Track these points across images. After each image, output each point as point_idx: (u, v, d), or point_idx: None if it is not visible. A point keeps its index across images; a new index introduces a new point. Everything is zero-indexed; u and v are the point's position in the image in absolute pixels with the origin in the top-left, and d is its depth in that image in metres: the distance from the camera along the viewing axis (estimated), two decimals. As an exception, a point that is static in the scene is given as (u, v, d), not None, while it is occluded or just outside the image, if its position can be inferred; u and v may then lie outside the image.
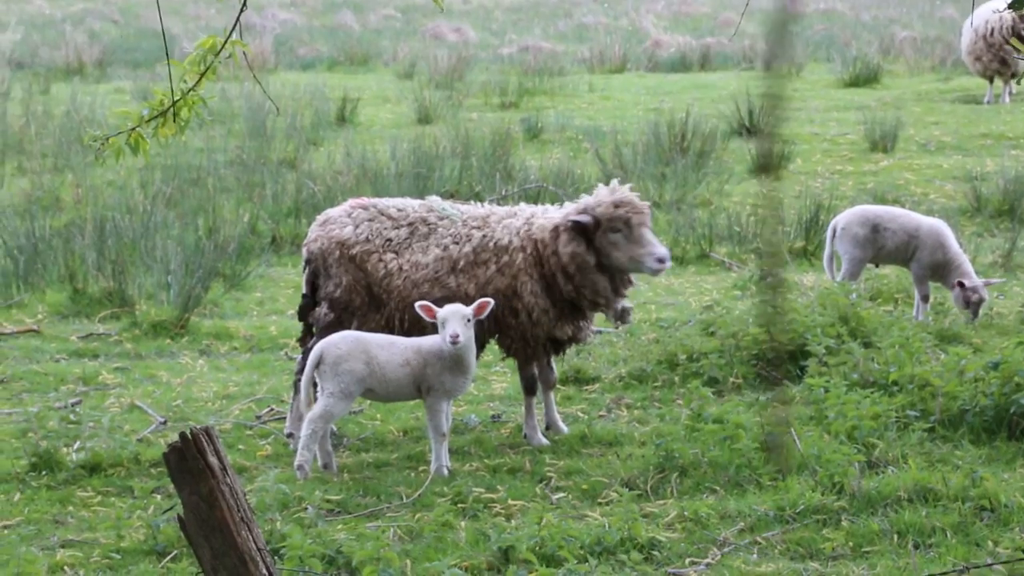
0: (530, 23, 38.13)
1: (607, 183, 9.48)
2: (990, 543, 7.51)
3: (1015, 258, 13.78)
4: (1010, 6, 5.14)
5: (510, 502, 8.23)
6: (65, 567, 7.56)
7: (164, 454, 5.25)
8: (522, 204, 9.71)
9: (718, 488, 8.34)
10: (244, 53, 6.57)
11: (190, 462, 5.12)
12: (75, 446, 9.18)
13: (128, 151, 6.74)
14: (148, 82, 23.69)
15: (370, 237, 9.28)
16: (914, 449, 8.76)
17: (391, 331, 9.10)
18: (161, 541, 7.70)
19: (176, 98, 6.43)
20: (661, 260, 9.10)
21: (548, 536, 7.42)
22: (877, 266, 12.32)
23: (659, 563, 7.43)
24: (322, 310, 9.30)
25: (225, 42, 6.39)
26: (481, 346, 9.25)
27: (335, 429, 9.45)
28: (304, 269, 9.48)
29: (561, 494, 8.40)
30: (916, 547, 7.48)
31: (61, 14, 39.23)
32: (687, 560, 7.46)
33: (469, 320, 8.50)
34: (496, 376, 10.75)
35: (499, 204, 15.94)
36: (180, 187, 16.39)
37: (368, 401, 10.10)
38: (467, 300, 8.88)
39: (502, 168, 17.04)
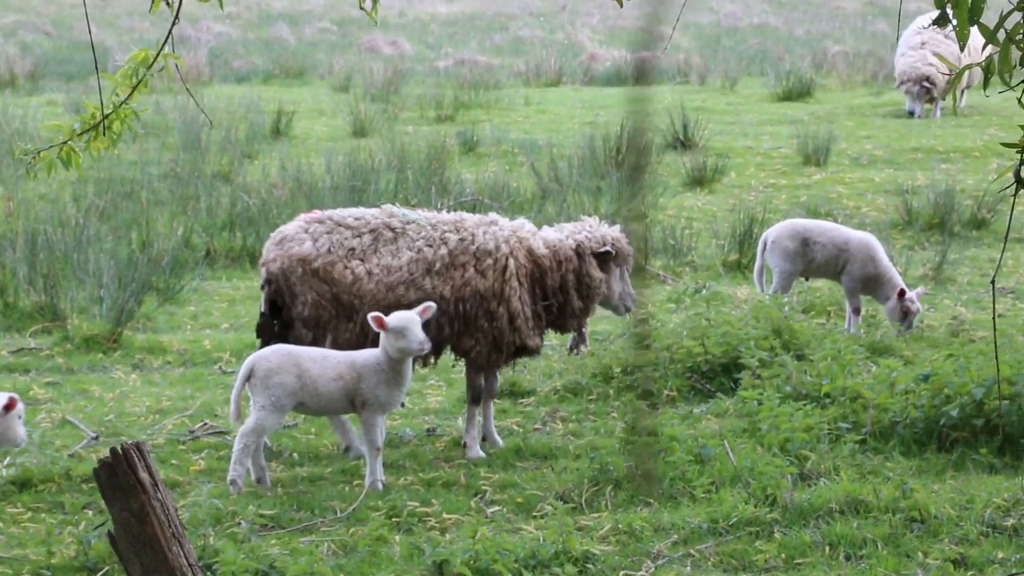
0: (466, 36, 38.17)
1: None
2: (920, 554, 7.57)
3: (945, 271, 13.92)
4: (935, 22, 5.19)
5: (444, 516, 8.22)
6: (-5, 584, 7.49)
7: (95, 470, 5.22)
8: (492, 213, 9.77)
9: (652, 501, 8.37)
10: (177, 66, 6.55)
11: (121, 478, 5.10)
12: (5, 462, 9.10)
13: (60, 165, 6.70)
14: (81, 95, 23.50)
15: (331, 248, 9.24)
16: (846, 461, 8.83)
17: (366, 338, 9.05)
18: (92, 557, 7.63)
19: (108, 111, 6.40)
20: (633, 303, 9.76)
21: (483, 550, 7.42)
22: (807, 279, 12.41)
23: (593, 576, 7.45)
24: (299, 330, 9.23)
25: (157, 55, 6.37)
26: (438, 351, 9.29)
27: (269, 443, 9.41)
28: (263, 288, 9.37)
29: (496, 508, 8.41)
30: (848, 559, 7.54)
31: (-7, 26, 38.89)
32: (621, 573, 7.48)
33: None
34: (431, 390, 10.75)
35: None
36: (113, 200, 16.27)
37: (303, 416, 10.07)
38: (441, 301, 9.06)
39: (438, 181, 17.04)
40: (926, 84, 22.21)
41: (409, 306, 8.84)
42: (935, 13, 5.26)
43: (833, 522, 7.87)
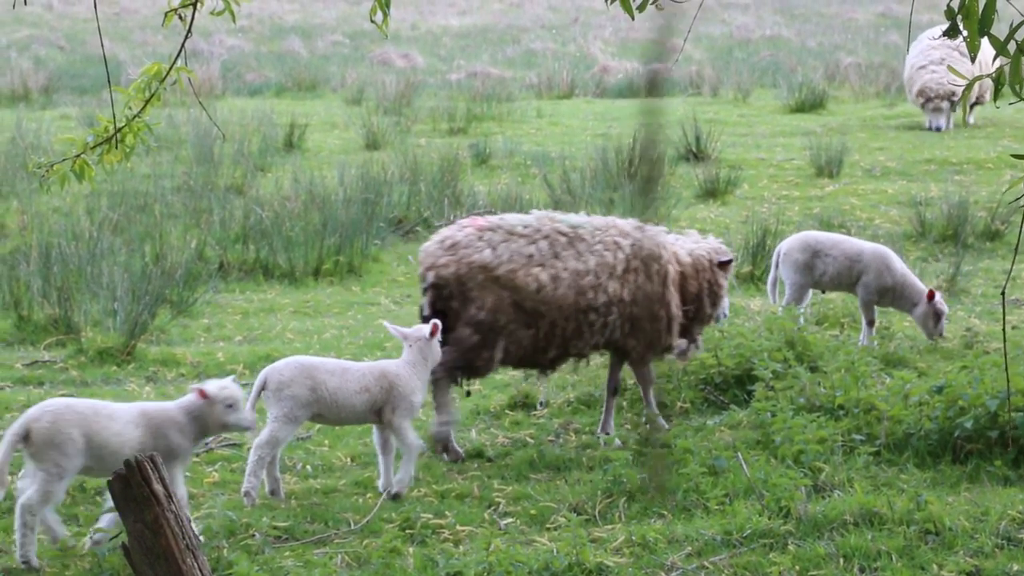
0: (478, 49, 38.21)
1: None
2: (935, 566, 7.55)
3: (959, 283, 13.90)
4: (945, 33, 5.19)
5: (458, 528, 8.22)
6: (9, 597, 7.49)
7: (109, 482, 5.22)
8: (629, 219, 10.19)
9: (666, 513, 8.36)
10: (190, 79, 6.57)
11: (135, 489, 5.10)
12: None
13: (73, 178, 6.72)
14: (94, 108, 23.56)
15: (512, 256, 9.47)
16: (860, 473, 8.81)
17: (549, 344, 9.50)
18: (106, 569, 7.64)
19: (121, 125, 6.42)
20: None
21: (496, 562, 7.41)
22: (824, 292, 12.40)
23: (607, 588, 7.43)
24: (464, 332, 9.41)
25: (170, 68, 6.39)
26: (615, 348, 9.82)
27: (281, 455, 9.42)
28: (425, 292, 9.54)
29: (509, 519, 8.40)
30: (862, 571, 7.52)
31: (6, 40, 39.00)
32: (635, 585, 7.47)
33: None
34: (444, 402, 10.74)
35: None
36: (127, 213, 16.30)
37: (316, 427, 10.08)
38: (620, 304, 9.52)
39: (450, 194, 17.06)
40: (954, 99, 22.16)
41: (595, 310, 9.41)
42: (946, 25, 5.27)
43: (847, 534, 7.85)
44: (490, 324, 9.40)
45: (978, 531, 7.91)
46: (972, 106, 22.79)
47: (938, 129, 22.29)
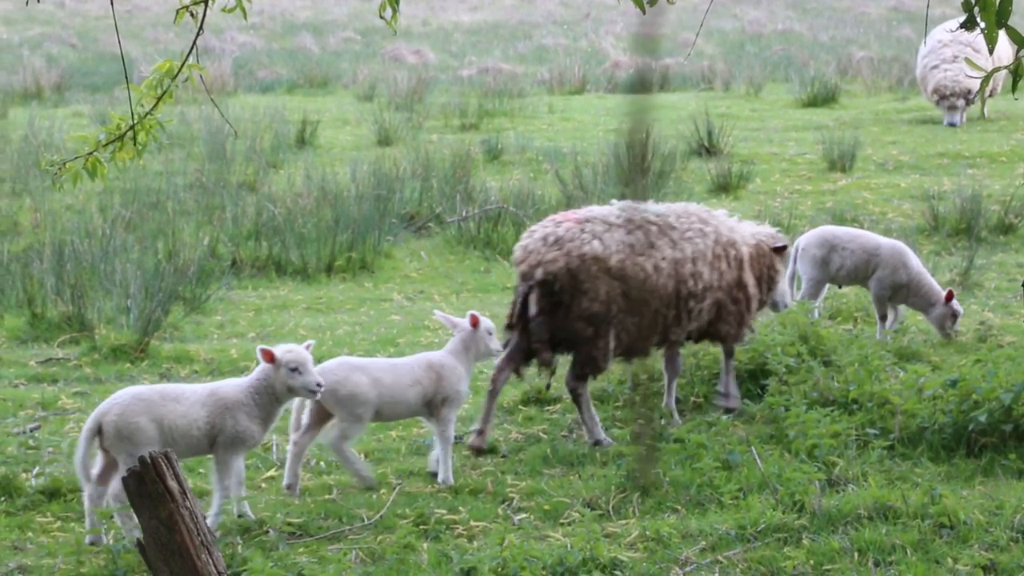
0: (490, 45, 38.19)
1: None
2: (950, 560, 7.54)
3: (972, 276, 13.87)
4: (962, 25, 5.18)
5: (472, 523, 8.22)
6: (24, 593, 7.51)
7: (123, 478, 5.23)
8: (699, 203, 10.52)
9: (679, 508, 8.35)
10: (202, 76, 6.57)
11: (149, 486, 5.11)
12: (34, 471, 9.13)
13: (86, 175, 6.72)
14: (106, 106, 23.59)
15: (618, 247, 9.60)
16: (874, 467, 8.80)
17: (652, 331, 9.73)
18: (121, 566, 7.64)
19: (133, 122, 6.42)
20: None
21: (510, 557, 7.41)
22: (840, 286, 12.40)
23: (621, 583, 7.43)
24: (578, 326, 9.50)
25: (182, 65, 6.39)
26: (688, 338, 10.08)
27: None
28: (530, 290, 9.54)
29: (523, 515, 8.40)
30: (876, 565, 7.51)
31: (19, 38, 39.05)
32: (649, 580, 7.46)
33: None
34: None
35: (461, 226, 16.02)
36: (139, 211, 16.33)
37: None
38: (712, 291, 9.84)
39: (462, 189, 17.05)
40: (970, 97, 22.09)
41: (693, 297, 9.67)
42: (960, 19, 5.25)
43: (862, 528, 7.84)
44: (603, 315, 9.51)
45: (993, 525, 7.90)
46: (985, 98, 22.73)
47: (952, 125, 22.21)
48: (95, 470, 8.11)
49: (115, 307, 12.63)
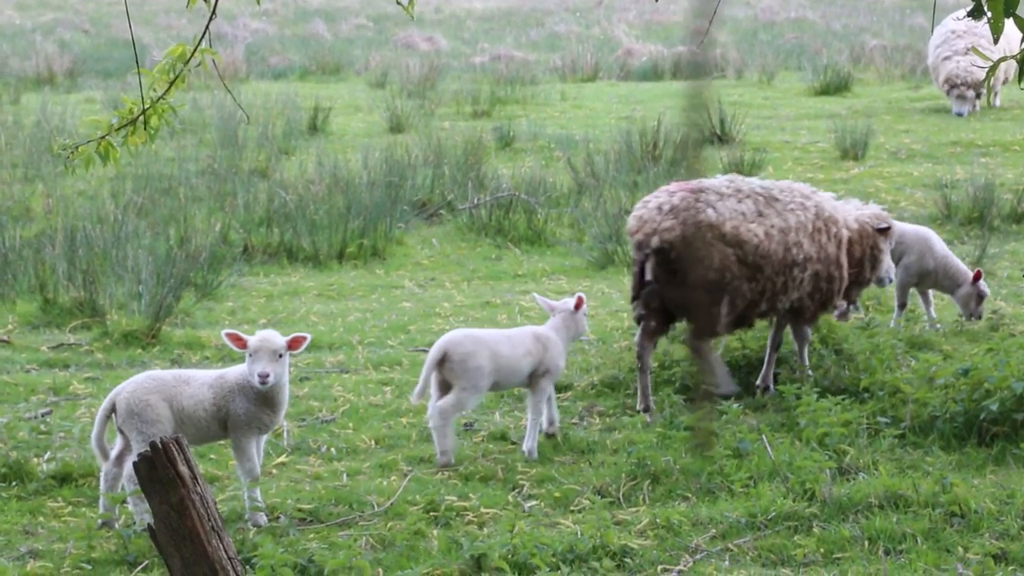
0: (502, 32, 38.16)
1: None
2: (960, 549, 7.53)
3: (985, 265, 13.82)
4: (969, 14, 5.16)
5: (482, 510, 8.22)
6: (35, 578, 7.52)
7: (134, 463, 5.24)
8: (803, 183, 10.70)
9: (690, 495, 8.35)
10: (214, 62, 6.56)
11: (160, 471, 5.11)
12: (45, 456, 9.15)
13: (98, 159, 6.72)
14: (119, 92, 23.60)
15: (732, 215, 9.89)
16: (885, 456, 8.79)
17: (761, 298, 9.93)
18: (132, 551, 7.67)
19: (146, 106, 6.42)
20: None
21: (520, 544, 7.41)
22: None
23: (631, 570, 7.44)
24: (695, 293, 9.88)
25: (195, 50, 6.39)
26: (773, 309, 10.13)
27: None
28: (646, 259, 9.82)
29: (533, 502, 8.40)
30: (887, 553, 7.50)
31: (31, 24, 39.08)
32: (659, 567, 7.46)
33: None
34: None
35: (472, 213, 16.02)
36: (151, 197, 16.34)
37: (341, 410, 10.10)
38: (809, 262, 10.06)
39: (474, 177, 17.04)
40: (981, 91, 22.01)
41: (797, 265, 9.94)
42: (970, 6, 5.23)
43: (872, 517, 7.84)
44: (718, 281, 9.79)
45: (1004, 514, 7.89)
46: (996, 90, 22.64)
47: (960, 115, 22.13)
48: (113, 452, 8.14)
49: (127, 293, 12.65)
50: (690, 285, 9.86)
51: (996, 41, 5.14)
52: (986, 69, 5.32)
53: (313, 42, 34.93)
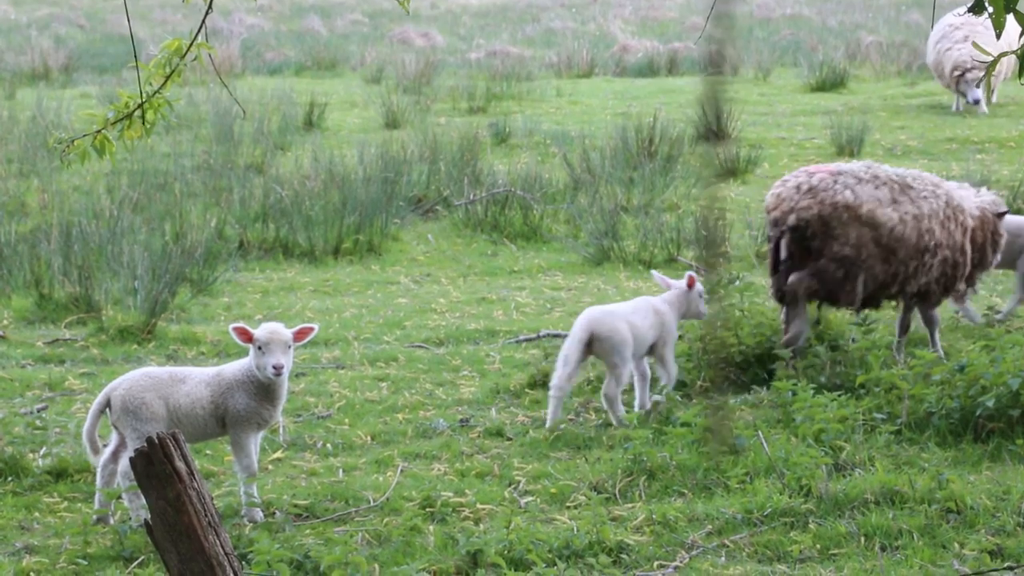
0: (498, 28, 38.14)
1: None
2: (956, 545, 7.53)
3: (981, 261, 13.82)
4: (970, 10, 5.16)
5: (478, 506, 8.22)
6: (31, 573, 7.51)
7: (130, 459, 5.23)
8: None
9: (686, 491, 8.35)
10: (211, 56, 6.55)
11: (157, 467, 5.10)
12: (41, 452, 9.14)
13: (94, 154, 6.71)
14: (114, 87, 23.58)
15: (868, 199, 10.31)
16: (881, 452, 8.79)
17: (893, 280, 10.40)
18: (128, 547, 7.66)
19: (142, 100, 6.41)
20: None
21: (516, 540, 7.41)
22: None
23: (627, 566, 7.43)
24: (830, 267, 10.26)
25: (191, 44, 6.38)
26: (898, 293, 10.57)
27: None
28: (783, 236, 10.33)
29: (529, 498, 8.40)
30: (883, 549, 7.51)
31: (26, 19, 39.04)
32: (655, 563, 7.46)
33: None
34: (464, 381, 10.75)
35: (468, 209, 16.01)
36: (147, 192, 16.32)
37: (337, 406, 10.09)
38: (939, 248, 10.44)
39: (470, 173, 17.04)
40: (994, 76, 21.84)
41: (928, 251, 10.35)
42: (966, 6, 5.23)
43: (868, 513, 7.84)
44: (853, 259, 10.26)
45: (1000, 510, 7.89)
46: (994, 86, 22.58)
47: (976, 102, 21.90)
48: (109, 448, 8.13)
49: (122, 288, 12.64)
50: (825, 262, 10.26)
51: (999, 36, 5.13)
52: (987, 62, 5.31)
53: (309, 38, 34.91)
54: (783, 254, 10.38)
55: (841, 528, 7.68)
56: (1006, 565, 7.33)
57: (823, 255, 10.28)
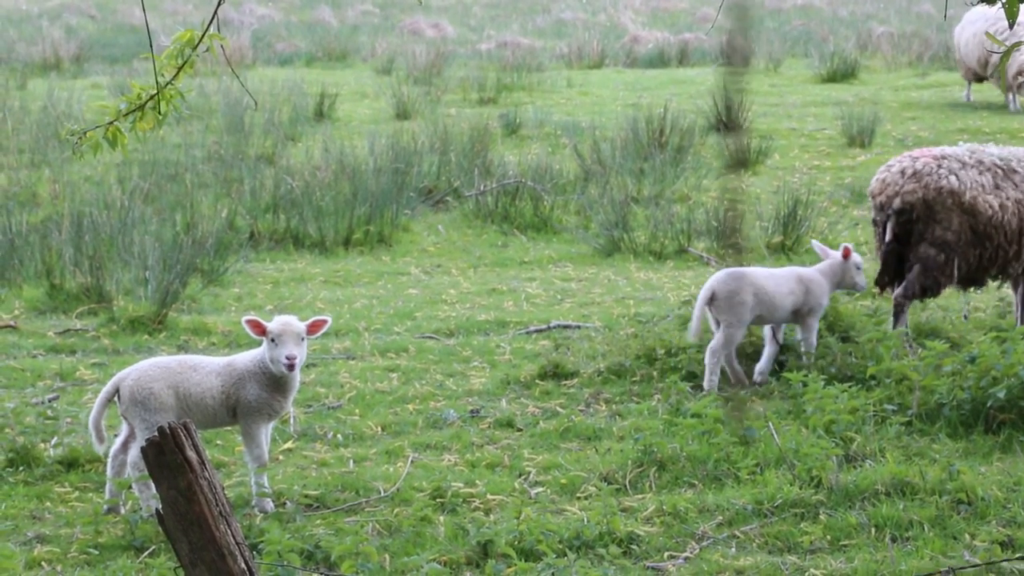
0: (508, 19, 38.11)
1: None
2: (967, 536, 7.53)
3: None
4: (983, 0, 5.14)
5: (489, 497, 8.22)
6: (43, 563, 7.53)
7: (142, 448, 5.23)
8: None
9: (696, 482, 8.34)
10: (223, 46, 6.55)
11: (168, 456, 5.10)
12: (52, 442, 9.16)
13: (106, 145, 6.71)
14: (125, 77, 23.61)
15: (971, 185, 10.60)
16: (892, 443, 8.78)
17: (992, 264, 10.77)
18: (139, 536, 7.68)
19: (154, 92, 6.42)
20: None
21: (527, 530, 7.42)
22: None
23: (638, 557, 7.44)
24: (930, 252, 10.60)
25: (203, 35, 6.38)
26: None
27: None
28: (889, 218, 10.66)
29: (540, 489, 8.40)
30: (894, 540, 7.50)
31: (38, 9, 39.06)
32: (666, 554, 7.47)
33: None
34: (475, 372, 10.76)
35: (478, 200, 16.01)
36: (158, 183, 16.34)
37: (347, 396, 10.10)
38: None
39: (480, 163, 17.03)
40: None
41: None
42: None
43: (879, 504, 7.83)
44: (952, 244, 10.59)
45: (1011, 501, 7.89)
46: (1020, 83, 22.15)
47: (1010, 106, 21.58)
48: (120, 438, 8.14)
49: (133, 279, 12.66)
50: (926, 244, 10.57)
51: (1012, 26, 5.12)
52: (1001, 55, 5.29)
53: (319, 28, 34.91)
54: (888, 236, 10.69)
55: (852, 519, 7.67)
56: (1018, 555, 7.32)
57: (924, 239, 10.61)
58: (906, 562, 7.19)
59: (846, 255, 10.25)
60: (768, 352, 10.21)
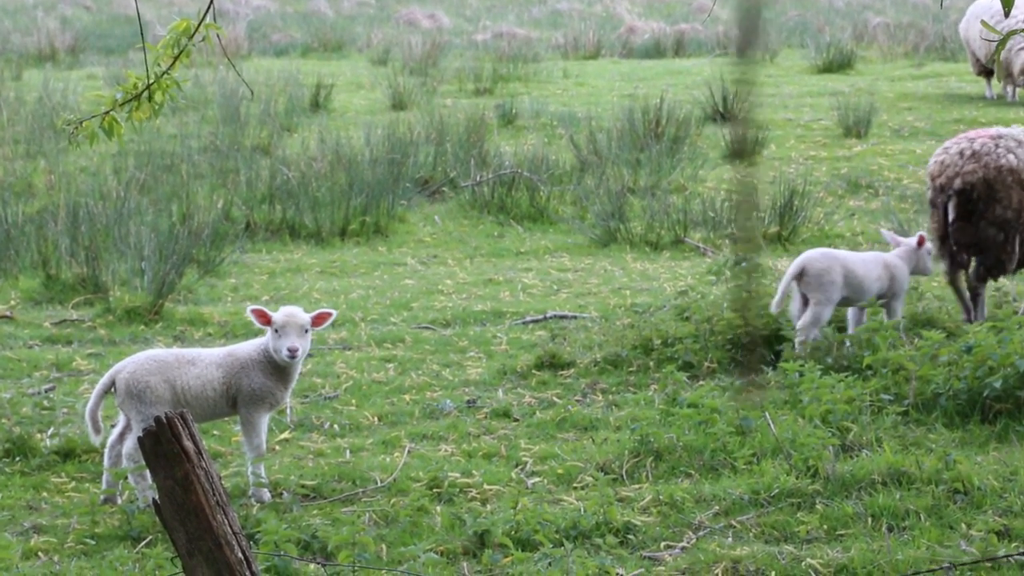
0: (504, 9, 38.08)
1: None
2: (964, 526, 7.53)
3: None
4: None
5: (485, 487, 8.23)
6: (39, 553, 7.53)
7: (138, 438, 5.23)
8: None
9: (693, 472, 8.35)
10: (219, 36, 6.55)
11: (165, 446, 5.10)
12: (49, 432, 9.15)
13: (102, 134, 6.71)
14: (121, 68, 23.59)
15: None
16: (888, 433, 8.79)
17: None
18: (136, 526, 7.68)
19: (150, 81, 6.41)
20: None
21: (524, 520, 7.42)
22: None
23: (634, 547, 7.44)
24: (990, 231, 10.78)
25: (199, 25, 6.37)
26: None
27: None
28: (949, 200, 10.78)
29: (536, 479, 8.40)
30: (890, 530, 7.50)
31: (33, 0, 39.00)
32: (662, 544, 7.47)
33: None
34: (471, 362, 10.76)
35: (475, 190, 16.00)
36: (154, 173, 16.33)
37: (344, 387, 10.10)
38: None
39: (476, 154, 17.03)
40: None
41: None
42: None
43: (875, 493, 7.84)
44: (1013, 221, 10.76)
45: (1007, 490, 7.89)
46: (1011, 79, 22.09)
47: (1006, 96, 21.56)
48: (116, 429, 8.14)
49: (129, 269, 12.65)
50: (986, 224, 10.75)
51: (1007, 14, 5.12)
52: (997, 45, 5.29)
53: (315, 19, 34.88)
54: (950, 216, 10.79)
55: (848, 509, 7.67)
56: (1013, 545, 7.33)
57: (984, 218, 10.74)
58: (902, 552, 7.20)
59: (920, 243, 10.51)
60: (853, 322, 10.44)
